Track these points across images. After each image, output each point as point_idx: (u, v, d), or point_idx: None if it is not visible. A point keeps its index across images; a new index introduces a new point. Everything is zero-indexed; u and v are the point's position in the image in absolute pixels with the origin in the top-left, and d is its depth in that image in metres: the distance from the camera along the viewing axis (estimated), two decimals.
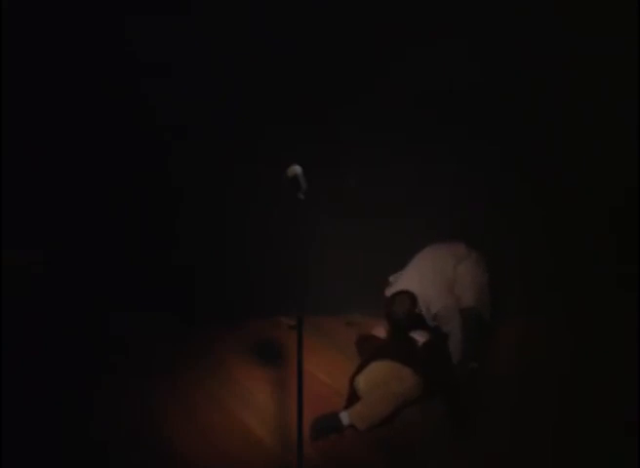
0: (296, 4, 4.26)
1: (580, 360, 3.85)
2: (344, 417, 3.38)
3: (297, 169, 2.47)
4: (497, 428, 3.26)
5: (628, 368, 3.57)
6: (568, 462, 3.00)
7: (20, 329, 4.07)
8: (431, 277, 3.96)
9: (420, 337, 3.84)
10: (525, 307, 4.38)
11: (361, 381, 3.57)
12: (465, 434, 3.26)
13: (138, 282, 4.59)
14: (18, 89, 4.18)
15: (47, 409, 3.52)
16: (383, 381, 3.53)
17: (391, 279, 4.17)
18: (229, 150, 4.49)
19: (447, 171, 4.48)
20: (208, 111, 4.44)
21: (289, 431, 3.23)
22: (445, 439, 3.24)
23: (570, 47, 4.16)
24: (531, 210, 4.48)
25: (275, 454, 3.16)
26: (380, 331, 4.16)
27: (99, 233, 4.54)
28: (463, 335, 3.77)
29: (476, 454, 3.09)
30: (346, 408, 3.45)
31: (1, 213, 4.18)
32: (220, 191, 4.58)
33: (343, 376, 3.78)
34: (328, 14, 4.29)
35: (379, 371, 3.60)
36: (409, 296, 3.87)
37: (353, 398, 3.52)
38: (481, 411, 3.38)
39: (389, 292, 4.02)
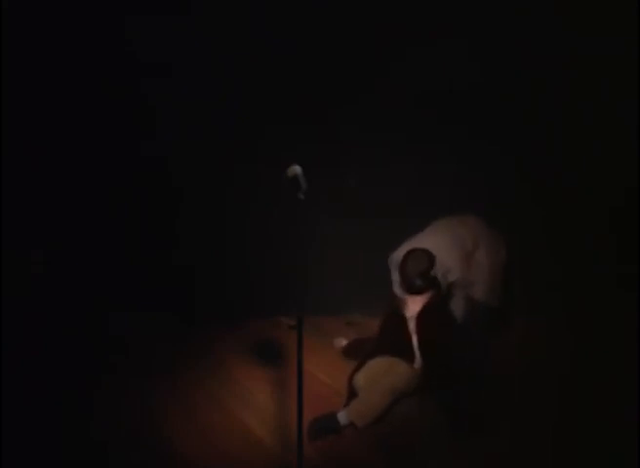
0: (296, 4, 4.27)
1: (580, 360, 3.85)
2: (342, 417, 3.35)
3: (297, 169, 2.46)
4: (496, 428, 3.26)
5: (628, 368, 3.57)
6: (568, 462, 3.00)
7: (20, 329, 4.07)
8: (450, 244, 3.60)
9: (409, 312, 3.55)
10: (525, 307, 4.38)
11: (360, 379, 3.53)
12: (464, 432, 3.24)
13: (138, 282, 4.59)
14: (18, 89, 4.18)
15: (47, 409, 3.52)
16: (381, 376, 3.48)
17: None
18: (229, 150, 4.49)
19: (447, 171, 4.49)
20: (208, 111, 4.45)
21: (289, 431, 3.22)
22: (444, 438, 3.23)
23: (570, 47, 4.17)
24: (531, 210, 4.49)
25: (275, 454, 3.16)
26: (341, 342, 4.13)
27: (98, 233, 4.54)
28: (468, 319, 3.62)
29: (476, 454, 3.09)
30: (345, 406, 3.43)
31: (1, 213, 4.18)
32: (220, 191, 4.58)
33: (343, 376, 3.77)
34: (328, 14, 4.29)
35: (377, 367, 3.55)
36: (426, 254, 3.42)
37: (352, 396, 3.50)
38: (480, 411, 3.37)
39: (399, 253, 3.56)
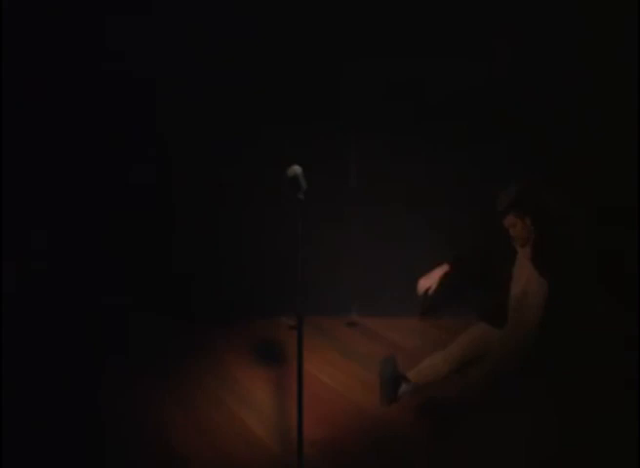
0: (295, 4, 4.27)
1: (580, 360, 3.85)
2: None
3: (297, 169, 2.46)
4: (496, 428, 3.26)
5: (628, 368, 3.57)
6: (568, 462, 3.00)
7: (20, 328, 4.07)
8: None
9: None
10: None
11: None
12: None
13: (138, 282, 4.59)
14: (17, 88, 4.18)
15: (47, 408, 3.52)
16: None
17: None
18: (229, 150, 4.49)
19: (447, 171, 4.49)
20: (208, 112, 4.45)
21: (289, 431, 3.23)
22: (435, 444, 3.22)
23: (571, 48, 4.17)
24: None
25: (275, 454, 3.16)
26: None
27: (98, 233, 4.54)
28: None
29: (476, 455, 3.09)
30: None
31: (1, 212, 4.18)
32: (219, 191, 4.58)
33: (343, 376, 3.78)
34: (328, 14, 4.29)
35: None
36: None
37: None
38: (481, 412, 3.37)
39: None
